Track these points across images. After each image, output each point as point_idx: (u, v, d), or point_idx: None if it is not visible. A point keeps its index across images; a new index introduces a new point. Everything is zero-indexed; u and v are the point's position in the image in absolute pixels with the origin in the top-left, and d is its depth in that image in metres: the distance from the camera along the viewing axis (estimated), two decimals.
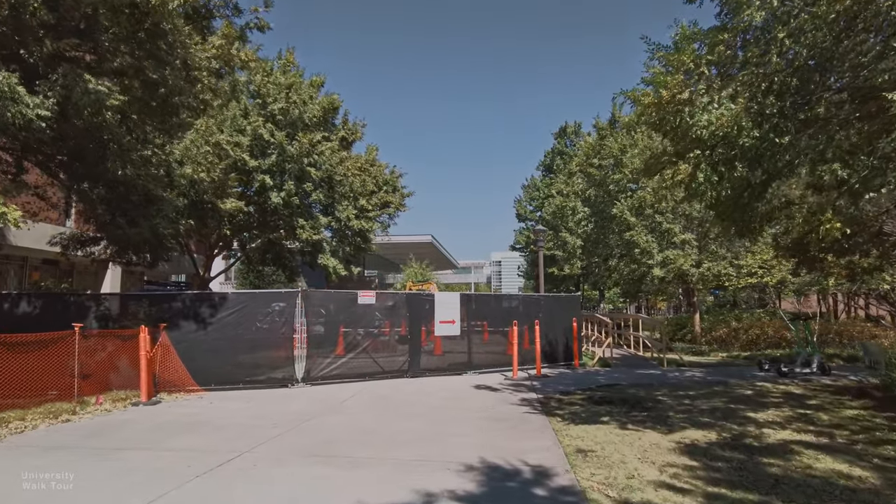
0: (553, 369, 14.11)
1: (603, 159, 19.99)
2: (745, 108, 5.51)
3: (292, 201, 18.89)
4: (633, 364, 15.48)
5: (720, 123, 5.51)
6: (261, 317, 11.30)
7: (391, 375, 12.08)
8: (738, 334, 18.81)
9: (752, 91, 5.59)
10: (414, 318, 12.48)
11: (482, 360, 13.43)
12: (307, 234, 19.51)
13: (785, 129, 5.58)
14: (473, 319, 14.11)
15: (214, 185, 12.90)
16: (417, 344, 12.46)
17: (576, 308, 15.30)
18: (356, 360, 11.81)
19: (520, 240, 39.69)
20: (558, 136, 33.60)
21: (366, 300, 11.87)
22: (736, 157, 5.96)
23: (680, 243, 17.96)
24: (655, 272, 17.53)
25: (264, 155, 18.55)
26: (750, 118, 5.49)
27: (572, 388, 11.07)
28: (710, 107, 5.66)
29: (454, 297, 13.10)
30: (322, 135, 19.32)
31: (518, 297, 15.05)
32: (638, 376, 12.94)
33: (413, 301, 12.56)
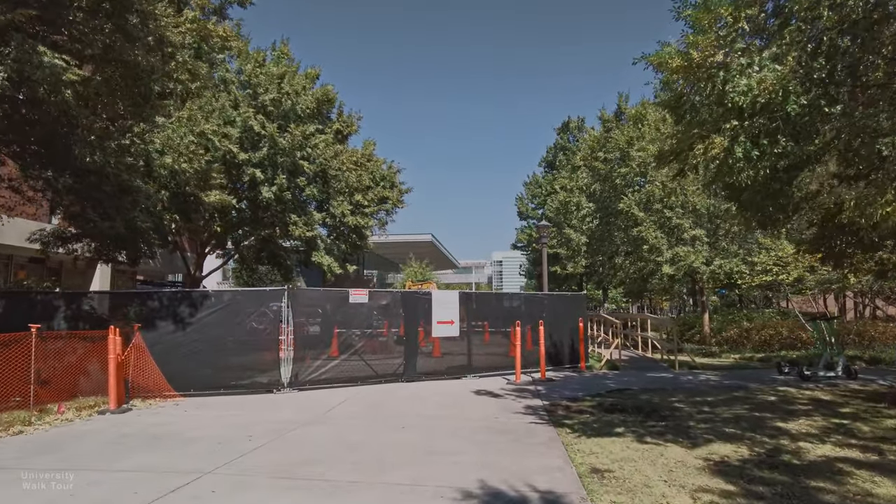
0: (558, 372, 13.29)
1: (608, 152, 19.17)
2: (792, 71, 4.71)
3: (284, 196, 18.10)
4: (643, 366, 14.66)
5: (763, 88, 4.71)
6: (244, 317, 10.48)
7: (385, 379, 11.27)
8: (750, 335, 17.98)
9: (800, 51, 4.78)
10: (410, 318, 11.67)
11: (483, 363, 12.63)
12: (300, 230, 18.72)
13: (837, 96, 4.77)
14: (473, 320, 13.31)
15: (197, 176, 12.10)
16: (414, 346, 11.65)
17: (581, 307, 14.49)
18: (347, 362, 11.00)
19: (521, 238, 38.87)
20: (561, 131, 32.73)
21: (358, 299, 11.07)
22: (779, 128, 5.14)
23: (690, 239, 17.13)
24: (665, 270, 16.71)
25: (255, 148, 17.75)
26: (798, 81, 4.69)
27: (580, 393, 10.26)
28: (750, 70, 4.86)
29: (453, 295, 12.30)
30: (315, 127, 18.52)
31: (520, 297, 14.24)
32: (649, 380, 12.13)
33: (409, 300, 11.75)
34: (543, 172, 34.81)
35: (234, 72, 18.91)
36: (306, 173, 18.77)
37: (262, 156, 17.65)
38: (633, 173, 17.93)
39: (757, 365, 14.73)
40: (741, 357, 16.63)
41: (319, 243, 19.93)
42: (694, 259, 16.50)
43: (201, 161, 12.30)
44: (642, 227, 16.74)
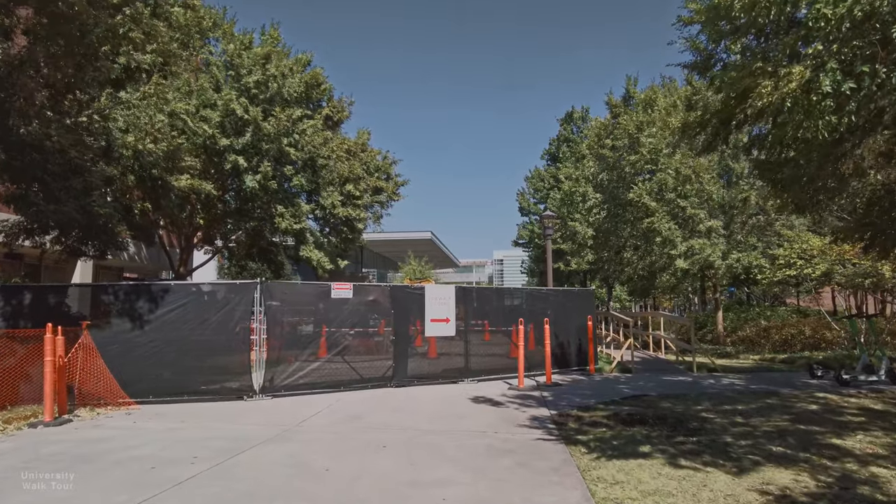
0: (565, 375, 12.07)
1: (616, 139, 17.93)
2: None
3: (270, 186, 16.85)
4: (657, 368, 13.42)
5: None
6: (212, 314, 9.25)
7: (372, 384, 10.04)
8: (769, 334, 16.73)
9: None
10: (400, 315, 10.44)
11: (482, 365, 11.40)
12: (287, 222, 17.49)
13: None
14: (472, 318, 12.09)
15: (165, 157, 10.86)
16: (404, 346, 10.42)
17: (590, 304, 13.26)
18: (329, 365, 9.77)
19: (523, 234, 37.59)
20: (564, 122, 31.43)
21: (341, 294, 9.84)
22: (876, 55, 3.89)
23: (705, 231, 15.88)
24: (678, 264, 15.47)
25: (239, 134, 16.53)
26: None
27: (592, 401, 9.02)
28: None
29: (448, 291, 11.07)
30: (302, 111, 17.28)
31: (523, 293, 13.00)
32: (667, 385, 10.90)
33: (399, 296, 10.52)
34: (546, 165, 33.54)
35: (217, 54, 17.72)
36: (294, 161, 17.57)
37: (246, 142, 16.44)
38: (643, 161, 16.69)
39: (781, 367, 13.48)
40: (761, 358, 15.38)
41: (309, 237, 18.72)
42: (710, 252, 15.25)
43: (171, 141, 11.06)
44: (654, 217, 15.50)
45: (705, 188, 15.62)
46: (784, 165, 7.73)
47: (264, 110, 16.56)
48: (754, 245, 16.24)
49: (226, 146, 16.02)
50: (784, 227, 16.19)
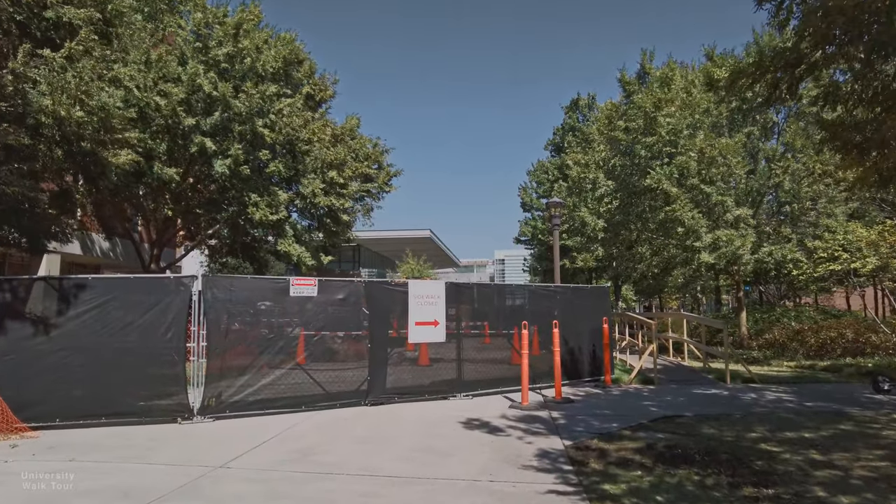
0: (577, 388, 10.20)
1: (630, 120, 16.06)
2: None
3: (242, 171, 15.00)
4: (683, 379, 11.52)
5: None
6: (138, 315, 7.38)
7: (342, 402, 8.17)
8: (803, 338, 14.82)
9: None
10: (378, 317, 8.57)
11: (477, 376, 9.53)
12: (261, 213, 15.60)
13: None
14: (466, 319, 10.24)
15: (93, 124, 8.97)
16: (382, 355, 8.55)
17: (605, 304, 11.38)
18: (288, 379, 7.90)
19: (525, 231, 35.65)
20: (569, 109, 29.49)
21: (302, 290, 7.97)
22: None
23: (733, 221, 13.99)
24: (703, 258, 13.57)
25: (207, 113, 14.68)
26: None
27: (615, 424, 7.15)
28: None
29: (437, 287, 9.19)
30: (278, 88, 15.40)
31: (527, 290, 11.12)
32: (701, 401, 9.01)
33: (376, 294, 8.63)
34: (550, 157, 31.62)
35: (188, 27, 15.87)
36: (270, 145, 15.71)
37: (215, 122, 14.59)
38: (660, 143, 14.82)
39: (828, 377, 11.58)
40: (797, 365, 13.48)
41: (288, 230, 16.87)
42: (740, 244, 13.35)
43: (104, 104, 9.16)
44: (676, 205, 13.61)
45: (734, 172, 13.73)
46: (870, 123, 5.86)
47: (235, 87, 14.72)
48: (787, 237, 14.34)
49: (191, 126, 14.18)
50: (823, 216, 14.26)
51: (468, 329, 10.01)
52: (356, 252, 47.09)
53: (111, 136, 9.55)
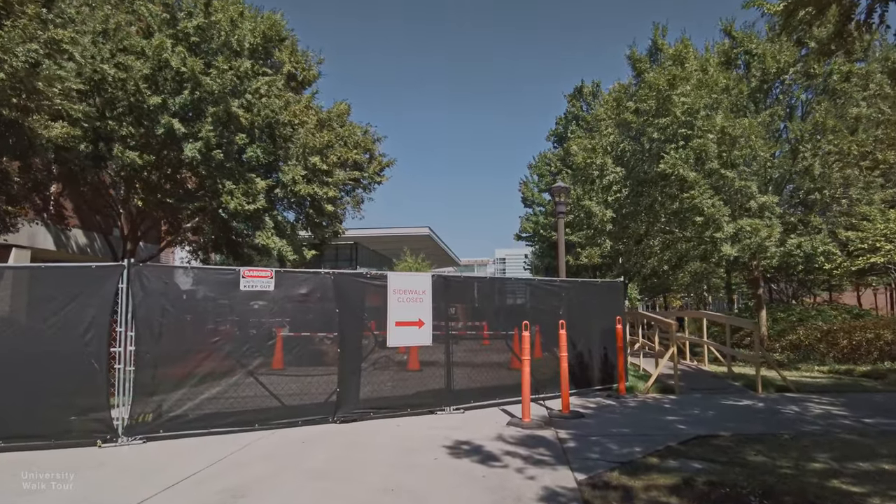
0: (586, 398, 8.80)
1: (641, 101, 14.65)
2: None
3: (214, 156, 13.60)
4: (706, 386, 10.11)
5: None
6: (49, 312, 5.98)
7: (305, 419, 6.77)
8: (835, 339, 13.40)
9: None
10: (349, 316, 7.16)
11: (470, 384, 8.13)
12: (236, 202, 14.20)
13: None
14: (457, 318, 8.86)
15: (13, 86, 7.58)
16: (354, 360, 7.14)
17: (618, 301, 9.96)
18: (237, 391, 6.51)
19: (526, 227, 34.17)
20: (573, 97, 28.04)
21: (255, 284, 6.57)
22: None
23: (757, 209, 12.57)
24: (725, 250, 12.16)
25: (177, 92, 13.29)
26: None
27: (638, 448, 5.75)
28: None
29: (422, 281, 7.78)
30: (254, 64, 13.99)
31: (529, 285, 9.68)
32: (734, 414, 7.61)
33: (348, 288, 7.21)
34: (553, 148, 30.16)
35: None
36: (247, 128, 14.31)
37: (184, 102, 13.20)
38: (675, 124, 13.41)
39: (871, 384, 10.17)
40: (830, 370, 12.07)
41: (268, 220, 15.47)
42: (767, 235, 11.93)
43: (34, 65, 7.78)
44: (695, 191, 12.18)
45: (758, 154, 12.31)
46: None
47: (207, 63, 13.33)
48: (817, 227, 12.90)
49: (157, 106, 12.78)
50: (858, 204, 12.81)
51: (461, 330, 8.61)
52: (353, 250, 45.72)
53: (38, 102, 8.16)
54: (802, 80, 13.40)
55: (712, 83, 13.86)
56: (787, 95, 14.04)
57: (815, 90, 13.51)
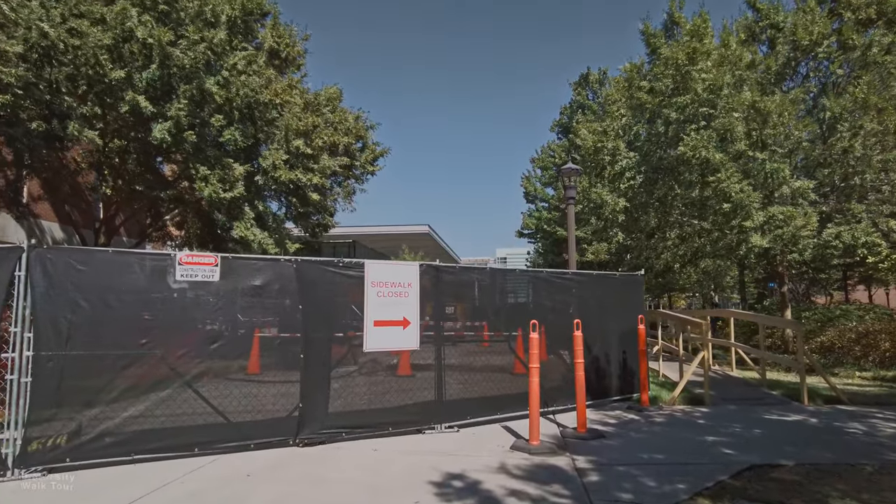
0: (603, 411, 7.44)
1: (656, 80, 13.31)
2: None
3: (187, 138, 12.27)
4: (740, 396, 8.73)
5: None
6: None
7: (258, 442, 5.41)
8: (873, 341, 12.02)
9: None
10: (316, 313, 5.81)
11: (466, 394, 6.77)
12: (211, 189, 12.87)
13: None
14: (454, 318, 7.52)
15: None
16: (321, 368, 5.78)
17: (638, 297, 8.60)
18: (171, 407, 5.16)
19: (529, 224, 32.79)
20: (578, 85, 26.63)
21: (195, 272, 5.22)
22: None
23: (790, 195, 11.21)
24: (755, 241, 10.80)
25: (144, 66, 11.97)
26: None
27: (680, 485, 4.39)
28: None
29: (407, 271, 6.42)
30: (228, 35, 12.65)
31: (535, 278, 8.27)
32: (786, 433, 6.25)
33: (314, 279, 5.85)
34: (557, 139, 28.78)
35: None
36: (224, 108, 12.96)
37: (152, 76, 11.87)
38: (696, 103, 12.07)
39: None
40: (875, 377, 10.70)
41: (247, 210, 14.12)
42: (803, 223, 10.56)
43: None
44: (721, 173, 10.81)
45: (791, 133, 10.95)
46: None
47: (177, 34, 12.00)
48: (856, 215, 11.52)
49: (120, 80, 11.45)
50: None
51: (457, 331, 7.26)
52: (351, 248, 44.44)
53: None
54: (838, 53, 12.04)
55: (735, 59, 12.50)
56: (819, 73, 12.68)
57: (853, 64, 12.14)
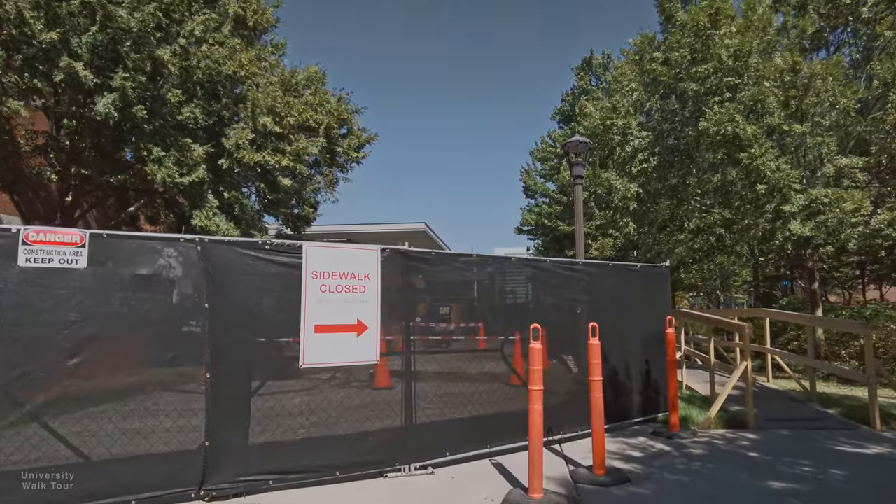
0: (623, 439, 5.81)
1: (672, 49, 11.69)
2: None
3: (136, 114, 10.64)
4: (785, 413, 7.08)
5: None
6: None
7: (141, 497, 3.79)
8: None
9: None
10: (230, 315, 4.17)
11: (445, 417, 5.14)
12: (164, 172, 11.24)
13: None
14: (422, 318, 5.90)
15: None
16: (238, 391, 4.14)
17: (663, 294, 6.97)
18: (14, 440, 3.53)
19: (528, 220, 31.13)
20: (581, 70, 25.05)
21: (50, 256, 3.60)
22: None
23: (834, 174, 9.59)
24: (794, 228, 9.16)
25: (85, 30, 10.36)
26: None
27: None
28: None
29: (363, 258, 4.78)
30: None
31: (535, 269, 6.50)
32: (879, 476, 4.61)
33: (228, 267, 4.21)
34: (558, 128, 27.17)
35: None
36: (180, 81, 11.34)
37: (92, 41, 10.26)
38: (721, 72, 10.46)
39: None
40: None
41: (210, 197, 12.48)
42: (854, 207, 8.93)
43: None
44: (755, 149, 9.17)
45: (838, 101, 9.31)
46: None
47: None
48: None
49: (52, 43, 9.85)
50: None
51: (426, 337, 5.61)
52: None
53: None
54: (885, 11, 10.41)
55: (763, 23, 10.89)
56: (863, 37, 11.06)
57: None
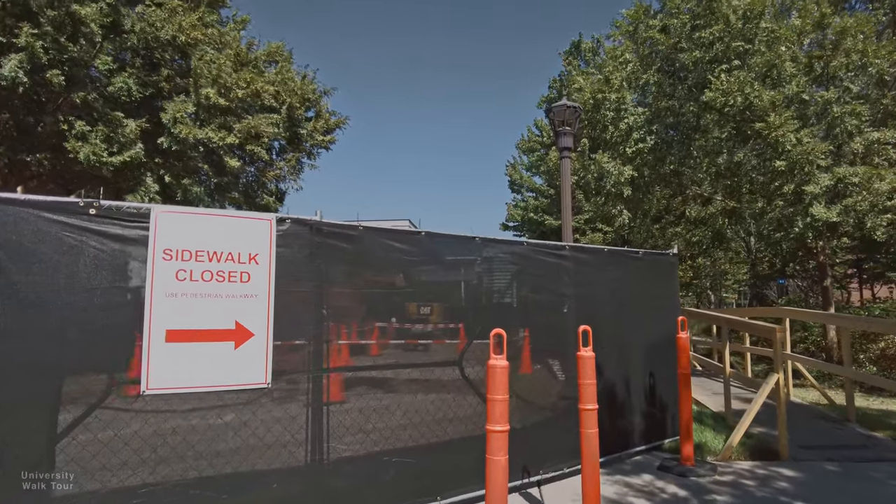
0: (623, 477, 4.36)
1: (671, 16, 10.31)
2: None
3: (51, 80, 9.07)
4: (821, 437, 5.69)
5: None
6: None
7: None
8: None
9: None
10: (14, 328, 2.67)
11: (380, 447, 3.67)
12: (88, 149, 9.67)
13: None
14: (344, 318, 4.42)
15: None
16: (40, 419, 2.64)
17: (671, 288, 5.56)
18: None
19: (514, 215, 29.78)
20: (569, 55, 23.71)
21: None
22: None
23: (863, 150, 8.25)
24: (818, 213, 7.80)
25: None
26: None
27: None
28: None
29: (248, 230, 3.30)
30: None
31: (511, 253, 4.96)
32: None
33: (17, 244, 2.69)
34: (546, 117, 25.83)
35: None
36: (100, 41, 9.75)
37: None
38: (728, 36, 9.10)
39: None
40: None
41: (150, 182, 10.92)
42: (890, 187, 7.59)
43: None
44: (773, 118, 7.78)
45: (871, 62, 7.95)
46: None
47: None
48: None
49: None
50: None
51: (348, 343, 4.12)
52: None
53: None
54: None
55: None
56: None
57: None
